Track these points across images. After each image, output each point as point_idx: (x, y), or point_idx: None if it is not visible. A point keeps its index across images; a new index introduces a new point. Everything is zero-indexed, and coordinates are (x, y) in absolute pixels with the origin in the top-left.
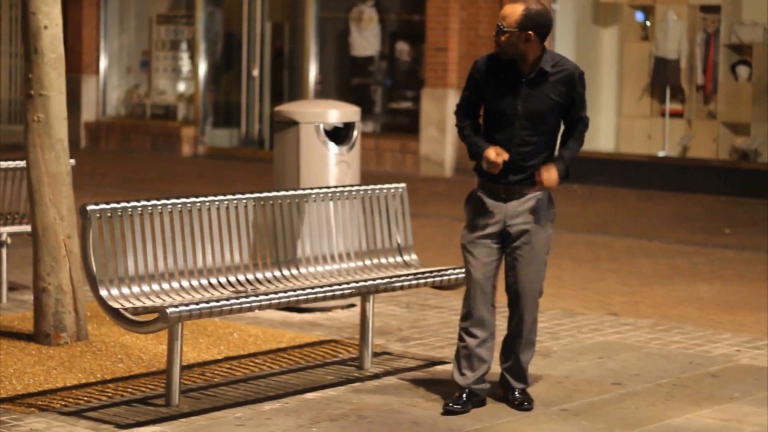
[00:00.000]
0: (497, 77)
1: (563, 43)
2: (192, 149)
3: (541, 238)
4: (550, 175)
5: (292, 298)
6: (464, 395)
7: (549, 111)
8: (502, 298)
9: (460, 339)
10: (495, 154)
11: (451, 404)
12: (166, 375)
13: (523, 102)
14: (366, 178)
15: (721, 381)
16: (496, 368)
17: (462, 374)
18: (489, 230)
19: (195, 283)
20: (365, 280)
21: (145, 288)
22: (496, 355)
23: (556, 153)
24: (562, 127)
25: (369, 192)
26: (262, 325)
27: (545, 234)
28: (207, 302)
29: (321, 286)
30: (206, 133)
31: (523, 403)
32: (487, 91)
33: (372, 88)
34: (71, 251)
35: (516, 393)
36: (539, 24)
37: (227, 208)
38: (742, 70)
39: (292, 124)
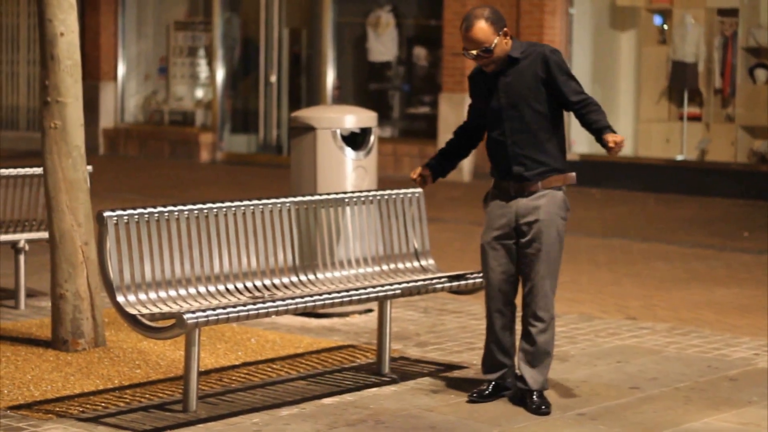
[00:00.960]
0: (481, 81)
1: (581, 48)
2: (210, 155)
3: (552, 234)
4: (615, 137)
5: (309, 304)
6: (490, 387)
7: (530, 94)
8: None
9: (486, 337)
10: (412, 173)
11: (475, 394)
12: (183, 381)
13: (504, 93)
14: (384, 183)
15: (740, 385)
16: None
17: (487, 371)
18: (503, 230)
19: (212, 288)
20: (382, 286)
21: (162, 294)
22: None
23: (591, 126)
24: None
25: (386, 197)
26: (280, 330)
27: (556, 231)
28: (224, 308)
29: (338, 292)
30: (224, 139)
31: (541, 407)
32: (478, 96)
33: (389, 93)
34: (88, 258)
35: (534, 396)
36: (501, 19)
37: (244, 214)
38: (761, 73)
39: (309, 129)
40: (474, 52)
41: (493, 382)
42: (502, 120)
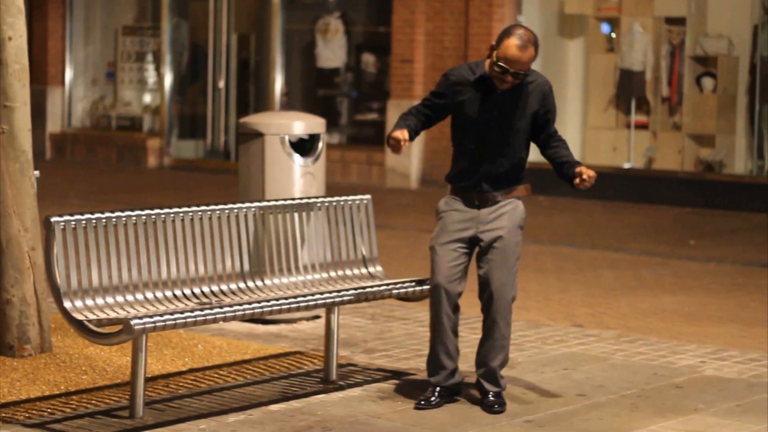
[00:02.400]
0: (474, 88)
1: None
2: (158, 161)
3: (512, 243)
4: (589, 171)
5: (256, 310)
6: (436, 392)
7: (522, 121)
8: (473, 306)
9: (431, 338)
10: (400, 133)
11: (422, 401)
12: (130, 387)
13: (499, 112)
14: (332, 189)
15: (686, 392)
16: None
17: (432, 373)
18: (459, 235)
19: (159, 294)
20: (330, 292)
21: (110, 300)
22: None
23: (561, 160)
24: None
25: (334, 203)
26: (227, 336)
27: (516, 239)
28: (171, 314)
29: (286, 298)
30: (172, 145)
31: (494, 406)
32: (461, 101)
33: (338, 99)
34: (35, 263)
35: (489, 396)
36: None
37: (192, 219)
38: (707, 82)
39: (257, 135)
40: (512, 70)
41: (438, 387)
42: (487, 138)
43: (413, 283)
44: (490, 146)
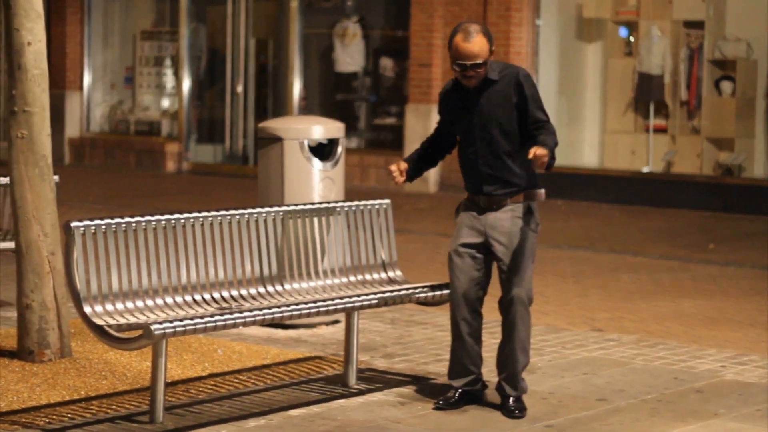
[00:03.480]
0: (454, 98)
1: (547, 59)
2: (176, 165)
3: (523, 246)
4: (537, 149)
5: (276, 315)
6: (457, 394)
7: (503, 115)
8: (494, 311)
9: (451, 343)
10: (394, 166)
11: (441, 401)
12: (150, 392)
13: (478, 113)
14: (350, 194)
15: (706, 397)
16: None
17: (453, 376)
18: (472, 240)
19: (179, 299)
20: (350, 297)
21: (129, 305)
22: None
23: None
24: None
25: (353, 208)
26: (247, 341)
27: (527, 242)
28: (191, 319)
29: (305, 303)
30: (190, 149)
31: (514, 411)
32: (449, 112)
33: (356, 104)
34: (55, 268)
35: (510, 401)
36: (492, 35)
37: (211, 224)
38: (726, 86)
39: (276, 140)
40: (468, 63)
41: (460, 389)
42: (474, 139)
43: (433, 288)
44: (481, 148)
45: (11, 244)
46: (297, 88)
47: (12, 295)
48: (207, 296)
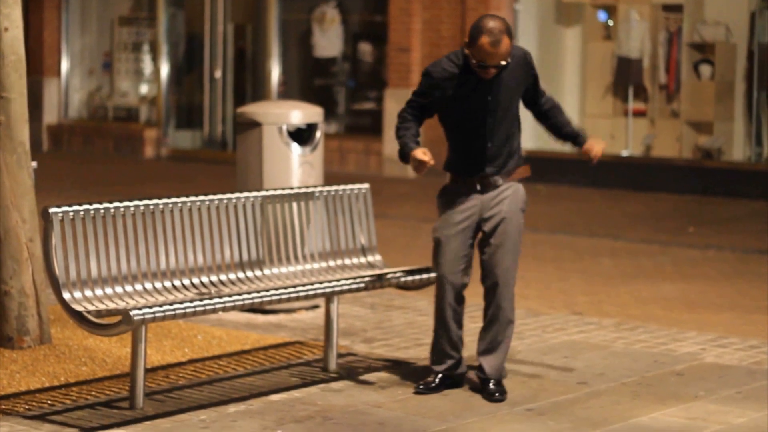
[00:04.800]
0: (460, 79)
1: (526, 43)
2: (155, 151)
3: (516, 226)
4: (598, 147)
5: (256, 300)
6: (437, 378)
7: (514, 97)
8: (474, 295)
9: (434, 329)
10: (422, 153)
11: (422, 386)
12: (130, 378)
13: (492, 97)
14: (329, 179)
15: (686, 379)
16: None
17: (435, 362)
18: (464, 224)
19: (158, 285)
20: (329, 281)
21: (108, 291)
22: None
23: (564, 131)
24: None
25: (332, 193)
26: (226, 327)
27: (519, 222)
28: (171, 304)
29: (285, 288)
30: (169, 135)
31: (495, 394)
32: (451, 95)
33: (335, 88)
34: (33, 254)
35: (490, 384)
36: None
37: (190, 209)
38: (705, 69)
39: (255, 125)
40: (496, 63)
41: (440, 374)
42: (485, 122)
43: (412, 272)
44: (490, 131)
45: None
46: (275, 73)
47: None
48: (186, 282)
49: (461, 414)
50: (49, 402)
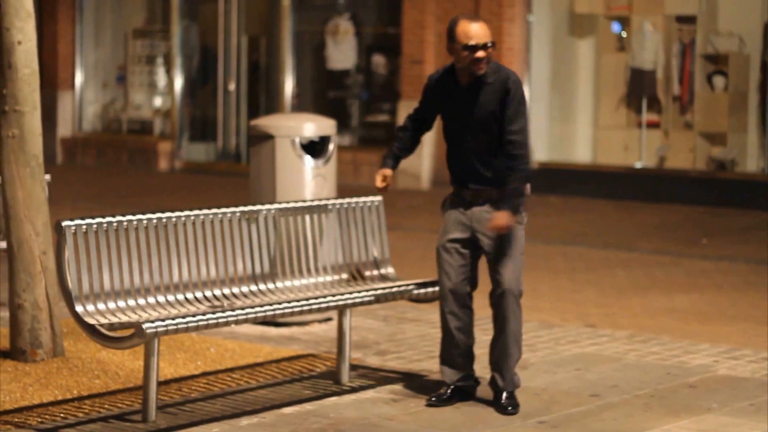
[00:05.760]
0: (444, 87)
1: (540, 55)
2: (169, 164)
3: (510, 239)
4: (499, 222)
5: (268, 313)
6: (449, 390)
7: (494, 114)
8: (486, 307)
9: (441, 340)
10: (380, 179)
11: (434, 398)
12: (142, 391)
13: (464, 106)
14: (343, 191)
15: (699, 392)
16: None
17: (446, 373)
18: (459, 235)
19: (171, 298)
20: (342, 294)
21: (121, 303)
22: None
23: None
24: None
25: (345, 205)
26: (239, 339)
27: (514, 235)
28: (183, 317)
29: (298, 301)
30: (183, 148)
31: (508, 407)
32: (437, 102)
33: (349, 101)
34: (47, 267)
35: (503, 397)
36: None
37: (203, 222)
38: (719, 80)
39: (268, 137)
40: (483, 42)
41: (452, 386)
42: (466, 135)
43: (425, 285)
44: (466, 141)
45: (3, 244)
46: (289, 85)
47: (4, 294)
48: (199, 294)
49: (474, 427)
50: (62, 415)
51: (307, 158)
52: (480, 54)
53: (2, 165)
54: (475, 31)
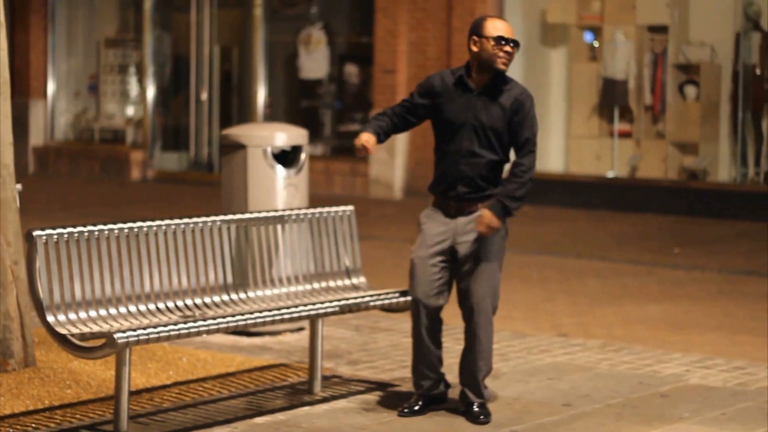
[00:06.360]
0: (451, 91)
1: (512, 65)
2: (141, 173)
3: (491, 253)
4: (482, 219)
5: (240, 322)
6: (420, 401)
7: (496, 123)
8: (458, 317)
9: (412, 350)
10: (367, 138)
11: (405, 408)
12: (114, 401)
13: (473, 113)
14: (316, 200)
15: (671, 401)
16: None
17: (416, 383)
18: (438, 247)
19: (143, 308)
20: (314, 304)
21: (93, 313)
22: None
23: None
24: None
25: (317, 215)
26: (211, 349)
27: (495, 249)
28: (155, 327)
29: (270, 310)
30: (155, 157)
31: (479, 417)
32: (439, 104)
33: (321, 110)
34: (18, 277)
35: (474, 407)
36: None
37: (174, 232)
38: (690, 90)
39: (240, 147)
40: (512, 39)
41: (422, 395)
42: (462, 136)
43: (397, 294)
44: (465, 147)
45: None
46: (261, 95)
47: None
48: (171, 304)
49: None
50: (33, 425)
51: (279, 168)
52: (508, 48)
53: None
54: (505, 27)
